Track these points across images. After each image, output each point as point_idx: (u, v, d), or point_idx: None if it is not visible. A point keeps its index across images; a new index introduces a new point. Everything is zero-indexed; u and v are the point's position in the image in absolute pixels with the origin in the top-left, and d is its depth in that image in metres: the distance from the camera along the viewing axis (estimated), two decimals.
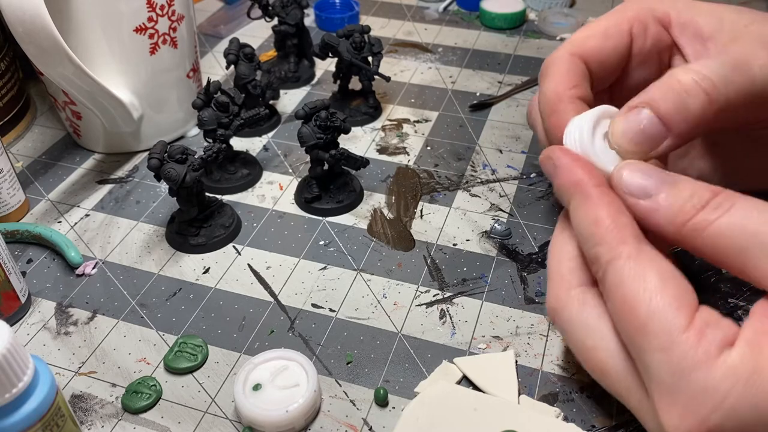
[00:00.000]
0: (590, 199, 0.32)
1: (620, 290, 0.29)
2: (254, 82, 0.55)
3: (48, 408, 0.30)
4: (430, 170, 0.55)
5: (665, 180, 0.31)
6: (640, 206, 0.31)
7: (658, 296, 0.28)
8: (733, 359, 0.27)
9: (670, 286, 0.29)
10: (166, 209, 0.51)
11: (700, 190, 0.30)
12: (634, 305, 0.29)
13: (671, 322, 0.28)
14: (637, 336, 0.29)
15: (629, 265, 0.30)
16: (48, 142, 0.59)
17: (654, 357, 0.28)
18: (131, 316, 0.43)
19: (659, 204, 0.30)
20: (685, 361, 0.27)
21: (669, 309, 0.28)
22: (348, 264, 0.46)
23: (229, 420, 0.37)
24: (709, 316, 0.28)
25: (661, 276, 0.29)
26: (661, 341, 0.28)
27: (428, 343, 0.41)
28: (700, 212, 0.29)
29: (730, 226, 0.28)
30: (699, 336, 0.27)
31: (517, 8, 0.74)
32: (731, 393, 0.26)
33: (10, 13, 0.43)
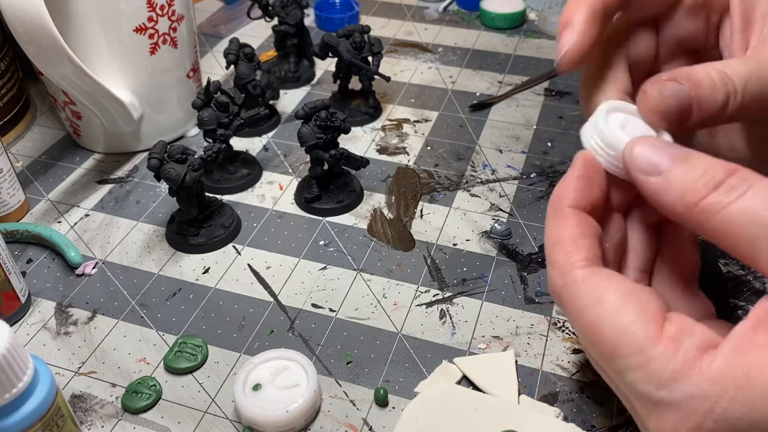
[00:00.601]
0: (558, 219, 0.31)
1: (582, 317, 0.29)
2: (254, 82, 0.55)
3: (48, 408, 0.30)
4: (430, 170, 0.55)
5: (677, 156, 0.29)
6: (650, 184, 0.29)
7: (620, 315, 0.28)
8: (719, 364, 0.26)
9: (630, 303, 0.28)
10: (166, 209, 0.51)
11: (713, 167, 0.28)
12: (599, 329, 0.28)
13: (640, 337, 0.27)
14: (611, 359, 0.28)
15: (584, 289, 0.29)
16: (48, 142, 0.59)
17: (632, 376, 0.27)
18: (131, 316, 0.43)
19: (669, 182, 0.28)
20: (665, 373, 0.26)
21: (634, 326, 0.27)
22: (348, 264, 0.46)
23: (229, 420, 0.37)
24: (681, 323, 0.27)
25: (620, 294, 0.28)
26: (635, 360, 0.27)
27: (428, 343, 0.41)
28: (712, 193, 0.27)
29: (743, 213, 0.26)
30: (675, 345, 0.26)
31: (517, 8, 0.74)
32: (723, 397, 0.25)
33: (10, 13, 0.43)
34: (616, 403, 0.37)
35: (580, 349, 0.41)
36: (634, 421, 0.36)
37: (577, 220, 0.31)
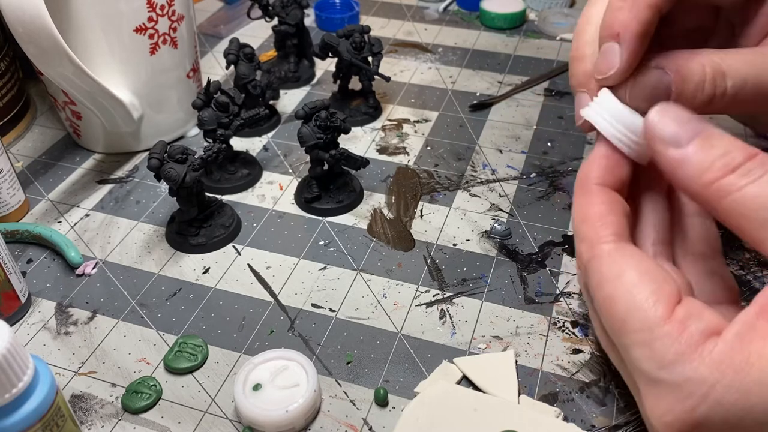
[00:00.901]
0: (585, 196, 0.32)
1: (600, 289, 0.30)
2: (254, 82, 0.55)
3: (48, 408, 0.30)
4: (430, 170, 0.55)
5: (699, 131, 0.29)
6: (668, 155, 0.29)
7: (635, 292, 0.28)
8: (720, 350, 0.26)
9: (647, 281, 0.28)
10: (166, 209, 0.51)
11: (734, 149, 0.28)
12: (613, 303, 0.29)
13: (650, 316, 0.28)
14: (620, 333, 0.29)
15: (607, 263, 0.30)
16: (48, 142, 0.59)
17: (637, 352, 0.28)
18: (131, 316, 0.43)
19: (688, 157, 0.28)
20: (668, 354, 0.27)
21: (647, 303, 0.28)
22: (348, 264, 0.46)
23: (229, 420, 0.37)
24: (691, 307, 0.28)
25: (639, 271, 0.29)
26: (642, 336, 0.28)
27: (428, 343, 0.41)
28: (728, 175, 0.27)
29: (756, 197, 0.27)
30: (681, 328, 0.27)
31: (517, 8, 0.74)
32: (719, 383, 0.26)
33: (10, 13, 0.43)
34: (615, 403, 0.37)
35: (580, 349, 0.41)
36: (633, 422, 0.37)
37: (604, 197, 0.32)
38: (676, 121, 0.29)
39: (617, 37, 0.32)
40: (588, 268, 0.30)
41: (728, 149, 0.28)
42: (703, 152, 0.28)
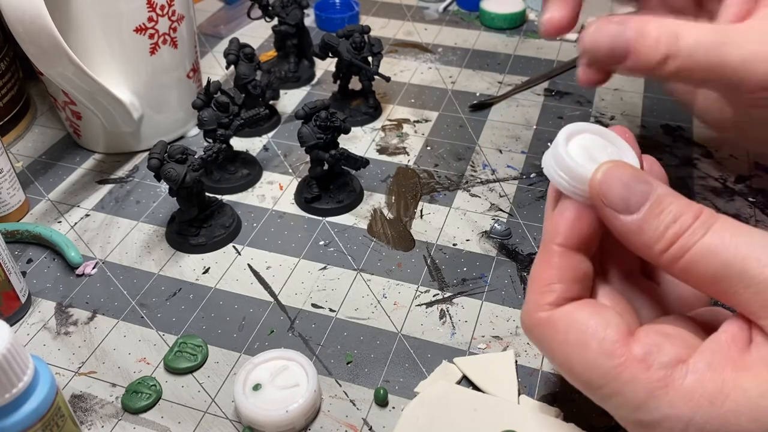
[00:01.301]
0: (543, 255, 0.31)
1: (555, 358, 0.30)
2: (254, 82, 0.55)
3: (48, 408, 0.30)
4: (430, 170, 0.55)
5: (648, 194, 0.28)
6: (618, 223, 0.29)
7: (585, 350, 0.28)
8: (691, 381, 0.26)
9: (590, 336, 0.28)
10: (166, 209, 0.51)
11: (684, 213, 0.28)
12: (571, 367, 0.29)
13: (607, 367, 0.28)
14: (589, 391, 0.29)
15: (549, 331, 0.30)
16: (48, 142, 0.59)
17: (610, 403, 0.29)
18: (131, 316, 0.43)
19: (640, 226, 0.28)
20: (639, 395, 0.27)
21: (601, 359, 0.28)
22: (348, 264, 0.46)
23: (229, 420, 0.37)
24: (647, 341, 0.28)
25: (579, 329, 0.29)
26: (609, 389, 0.28)
27: (428, 343, 0.41)
28: (680, 239, 0.28)
29: (703, 255, 0.27)
30: (644, 366, 0.27)
31: (517, 8, 0.74)
32: (697, 415, 0.26)
33: (10, 13, 0.43)
34: None
35: None
36: None
37: (559, 262, 0.31)
38: (623, 183, 0.29)
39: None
40: (532, 333, 0.31)
41: (678, 214, 0.28)
42: (654, 219, 0.28)
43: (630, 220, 0.28)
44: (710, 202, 0.51)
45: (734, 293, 0.27)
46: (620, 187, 0.28)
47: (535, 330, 0.31)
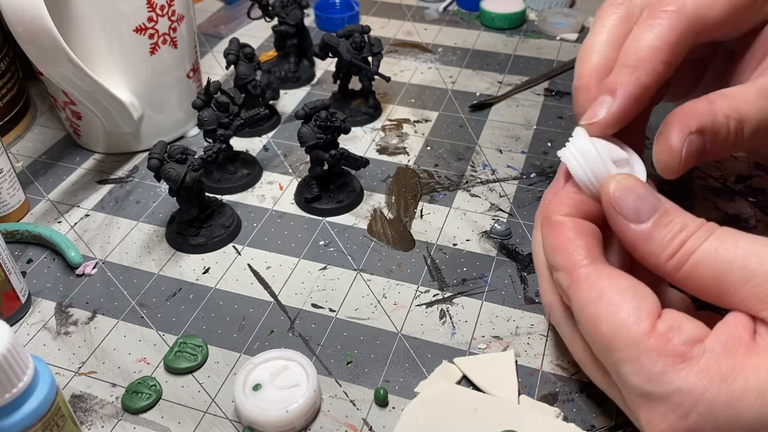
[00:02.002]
0: (551, 226, 0.33)
1: (584, 313, 0.30)
2: (254, 82, 0.55)
3: (48, 408, 0.30)
4: (430, 170, 0.55)
5: (657, 207, 0.31)
6: (629, 231, 0.31)
7: (617, 311, 0.29)
8: (707, 359, 0.27)
9: (628, 299, 0.29)
10: (166, 209, 0.51)
11: (689, 224, 0.30)
12: (598, 323, 0.30)
13: (634, 333, 0.29)
14: (607, 353, 0.30)
15: (587, 286, 0.31)
16: (48, 142, 0.59)
17: (625, 369, 0.29)
18: (131, 316, 0.43)
19: (649, 234, 0.30)
20: (655, 367, 0.28)
21: (629, 321, 0.29)
22: (348, 264, 0.46)
23: (229, 420, 0.37)
24: (671, 319, 0.29)
25: (618, 291, 0.30)
26: (628, 353, 0.29)
27: (428, 343, 0.41)
28: (685, 244, 0.30)
29: (705, 257, 0.29)
30: (664, 341, 0.28)
31: (517, 8, 0.74)
32: (708, 391, 0.27)
33: (10, 13, 0.43)
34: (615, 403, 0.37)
35: None
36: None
37: (571, 224, 0.33)
38: (636, 196, 0.31)
39: (613, 92, 0.34)
40: (570, 295, 0.31)
41: (684, 224, 0.30)
42: (662, 228, 0.30)
43: (640, 229, 0.30)
44: (710, 202, 0.51)
45: (735, 291, 0.28)
46: (633, 198, 0.31)
47: (574, 288, 0.31)
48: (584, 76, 0.37)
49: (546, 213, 0.34)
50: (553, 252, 0.33)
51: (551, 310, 0.35)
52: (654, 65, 0.34)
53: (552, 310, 0.35)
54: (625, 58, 0.34)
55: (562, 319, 0.35)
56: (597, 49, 0.37)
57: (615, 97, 0.34)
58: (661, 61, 0.34)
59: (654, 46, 0.34)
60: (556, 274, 0.33)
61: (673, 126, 0.33)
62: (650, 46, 0.34)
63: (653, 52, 0.34)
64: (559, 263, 0.32)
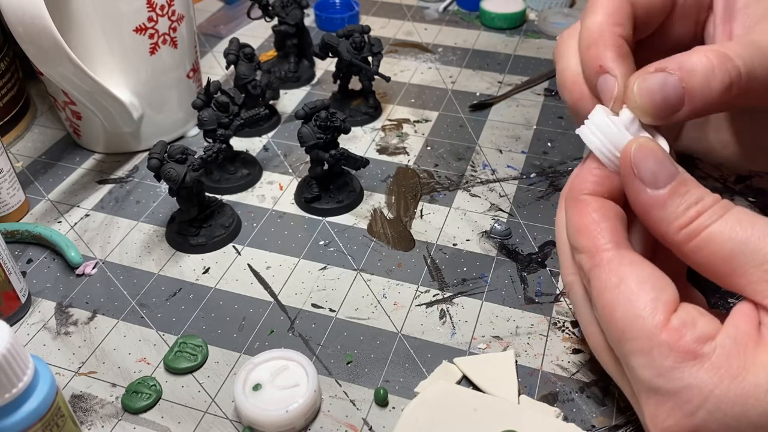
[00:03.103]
0: (576, 206, 0.32)
1: (601, 298, 0.30)
2: (254, 82, 0.55)
3: (48, 408, 0.30)
4: (430, 170, 0.55)
5: (674, 176, 0.30)
6: (644, 195, 0.30)
7: (634, 300, 0.29)
8: (717, 355, 0.27)
9: (647, 289, 0.29)
10: (166, 209, 0.51)
11: (705, 197, 0.29)
12: (613, 310, 0.29)
13: (648, 324, 0.28)
14: (619, 341, 0.29)
15: (606, 272, 0.30)
16: (48, 142, 0.59)
17: (635, 360, 0.29)
18: (131, 316, 0.43)
19: (663, 201, 0.30)
20: (666, 362, 0.28)
21: (645, 311, 0.28)
22: (348, 264, 0.46)
23: (229, 420, 0.37)
24: (685, 315, 0.28)
25: (638, 279, 0.29)
26: (640, 344, 0.28)
27: (428, 343, 0.41)
28: (700, 216, 0.29)
29: (720, 233, 0.28)
30: (677, 336, 0.28)
31: (517, 8, 0.74)
32: (717, 388, 0.27)
33: (10, 13, 0.43)
34: (616, 403, 0.37)
35: (580, 349, 0.41)
36: (634, 422, 0.36)
37: (596, 205, 0.32)
38: (656, 160, 0.30)
39: (601, 69, 0.33)
40: (590, 278, 0.31)
41: (701, 196, 0.29)
42: (678, 197, 0.29)
43: (656, 194, 0.30)
44: None
45: (744, 273, 0.28)
46: (653, 161, 0.30)
47: (595, 272, 0.30)
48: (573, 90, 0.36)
49: (570, 191, 0.33)
50: (577, 233, 0.32)
51: (570, 290, 0.35)
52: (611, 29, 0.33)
53: (571, 290, 0.35)
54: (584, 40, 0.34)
55: (580, 301, 0.34)
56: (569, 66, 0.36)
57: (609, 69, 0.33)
58: (615, 24, 0.33)
59: (601, 20, 0.33)
60: (579, 255, 0.32)
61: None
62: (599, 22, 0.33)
63: (603, 23, 0.33)
64: (583, 245, 0.31)
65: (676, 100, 0.31)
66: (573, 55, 0.37)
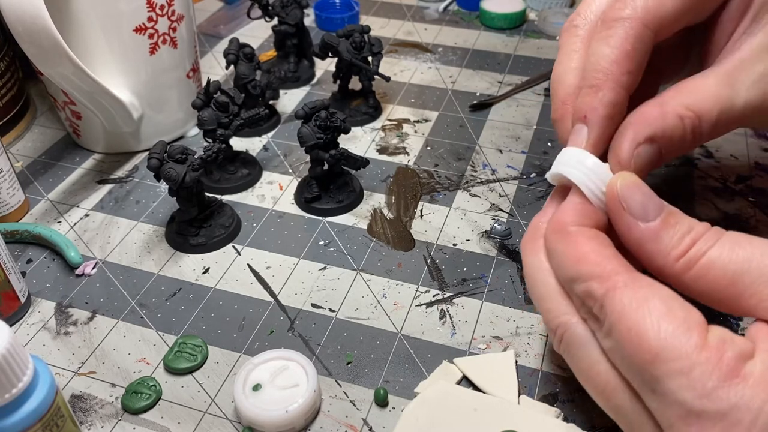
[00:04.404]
0: (568, 238, 0.31)
1: (623, 321, 0.28)
2: (254, 82, 0.55)
3: (48, 408, 0.30)
4: (430, 170, 0.55)
5: (662, 206, 0.30)
6: (636, 229, 0.30)
7: (666, 321, 0.27)
8: (760, 371, 0.26)
9: (675, 309, 0.27)
10: (166, 209, 0.51)
11: (696, 225, 0.29)
12: (642, 334, 0.27)
13: (686, 344, 0.26)
14: (651, 365, 0.27)
15: (628, 294, 0.28)
16: (48, 142, 0.59)
17: (674, 383, 0.26)
18: (131, 316, 0.43)
19: (658, 234, 0.29)
20: (710, 381, 0.26)
21: (680, 331, 0.27)
22: (348, 264, 0.46)
23: (229, 420, 0.37)
24: (722, 332, 0.27)
25: (663, 300, 0.28)
26: (678, 365, 0.26)
27: (428, 343, 0.41)
28: (696, 243, 0.28)
29: (720, 257, 0.28)
30: (718, 354, 0.26)
31: (517, 8, 0.74)
32: (767, 406, 0.25)
33: (10, 13, 0.43)
34: None
35: None
36: None
37: (591, 234, 0.31)
38: (643, 193, 0.30)
39: (584, 119, 0.33)
40: (605, 303, 0.29)
41: (692, 225, 0.29)
42: (671, 228, 0.29)
43: (648, 226, 0.29)
44: (710, 202, 0.51)
45: (753, 293, 0.27)
46: (640, 195, 0.30)
47: (610, 296, 0.28)
48: (558, 109, 0.37)
49: (555, 226, 0.32)
50: (578, 263, 0.30)
51: (565, 332, 0.32)
52: (616, 79, 0.33)
53: (567, 331, 0.32)
54: (588, 79, 0.33)
55: (581, 341, 0.31)
56: (565, 79, 0.36)
57: (589, 125, 0.33)
58: (624, 72, 0.33)
59: (612, 59, 0.33)
60: (584, 285, 0.30)
61: (623, 137, 0.32)
62: (609, 61, 0.33)
63: (613, 65, 0.33)
64: (589, 272, 0.29)
65: (654, 163, 0.32)
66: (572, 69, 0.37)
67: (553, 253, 0.32)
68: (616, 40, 0.33)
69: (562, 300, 0.32)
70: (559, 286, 0.32)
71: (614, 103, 0.33)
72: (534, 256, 0.34)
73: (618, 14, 0.33)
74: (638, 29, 0.33)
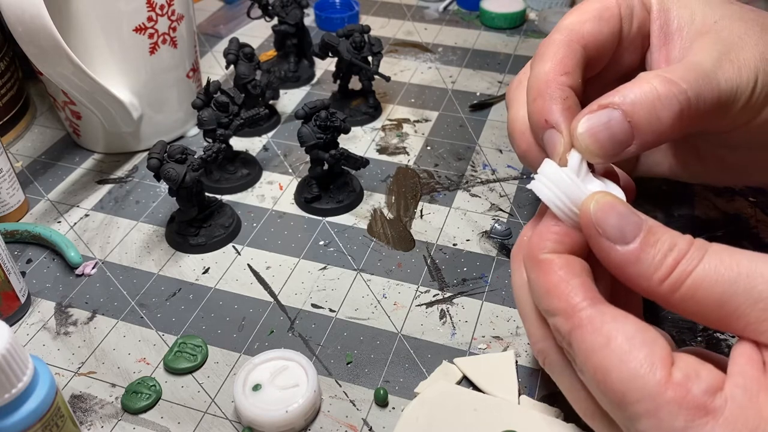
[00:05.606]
0: (539, 267, 0.30)
1: (589, 362, 0.27)
2: (254, 82, 0.55)
3: (48, 408, 0.30)
4: (430, 170, 0.55)
5: (640, 224, 0.28)
6: (615, 253, 0.28)
7: (628, 359, 0.26)
8: (731, 408, 0.25)
9: (638, 345, 0.27)
10: (166, 209, 0.51)
11: (678, 241, 0.27)
12: (607, 373, 0.27)
13: (649, 383, 0.26)
14: (619, 406, 0.27)
15: (590, 332, 0.27)
16: (48, 142, 0.59)
17: (643, 424, 0.26)
18: (131, 316, 0.43)
19: (638, 255, 0.28)
20: (677, 421, 0.25)
21: (643, 370, 0.26)
22: (348, 264, 0.46)
23: (229, 420, 0.37)
24: (686, 366, 0.26)
25: (626, 336, 0.27)
26: (645, 406, 0.26)
27: (428, 344, 0.41)
28: (679, 264, 0.27)
29: (705, 277, 0.26)
30: (684, 391, 0.25)
31: (517, 8, 0.74)
32: None
33: (10, 13, 0.43)
34: None
35: None
36: None
37: (561, 262, 0.30)
38: (618, 214, 0.28)
39: (547, 123, 0.32)
40: (571, 341, 0.28)
41: (673, 241, 0.27)
42: (651, 248, 0.28)
43: (627, 250, 0.28)
44: (710, 201, 0.51)
45: (740, 315, 0.26)
46: (615, 217, 0.28)
47: (576, 334, 0.28)
48: (520, 144, 0.36)
49: (529, 252, 0.31)
50: (546, 295, 0.29)
51: (545, 358, 0.32)
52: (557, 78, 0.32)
53: (546, 357, 0.32)
54: (532, 93, 0.33)
55: (559, 369, 0.31)
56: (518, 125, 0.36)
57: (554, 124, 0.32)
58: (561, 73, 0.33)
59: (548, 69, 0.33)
60: (553, 319, 0.29)
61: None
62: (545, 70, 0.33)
63: (550, 72, 0.33)
64: (556, 307, 0.29)
65: (623, 136, 0.30)
66: (521, 105, 0.36)
67: (529, 279, 0.31)
68: (548, 55, 0.34)
69: (540, 325, 0.32)
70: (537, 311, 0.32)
71: (564, 97, 0.32)
72: (517, 272, 0.33)
73: (547, 41, 0.34)
74: (568, 44, 0.34)
